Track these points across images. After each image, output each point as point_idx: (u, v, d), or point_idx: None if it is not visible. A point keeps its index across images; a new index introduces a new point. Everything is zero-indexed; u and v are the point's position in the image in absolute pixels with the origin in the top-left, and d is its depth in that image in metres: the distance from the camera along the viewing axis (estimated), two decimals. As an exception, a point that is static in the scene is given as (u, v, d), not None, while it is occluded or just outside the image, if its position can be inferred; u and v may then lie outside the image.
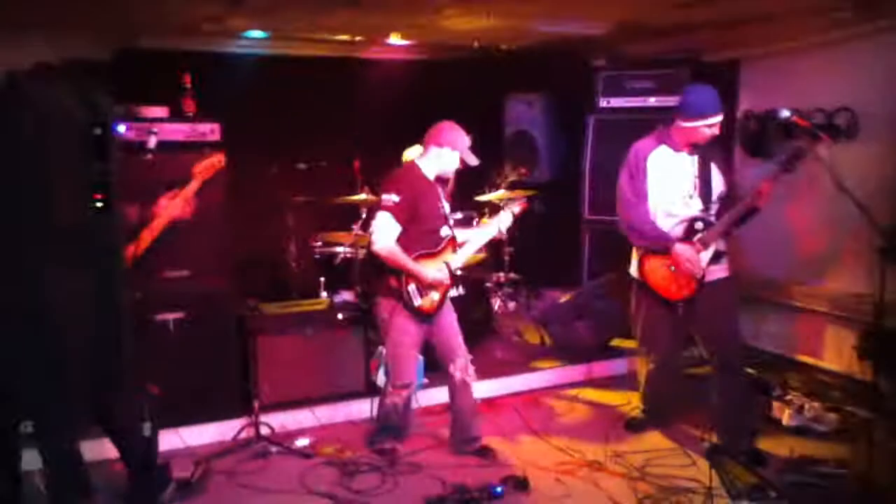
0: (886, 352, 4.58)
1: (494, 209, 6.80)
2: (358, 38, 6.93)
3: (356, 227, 6.13)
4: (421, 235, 4.26)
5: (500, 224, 4.72)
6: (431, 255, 4.32)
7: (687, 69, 6.54)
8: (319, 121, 7.25)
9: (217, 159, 4.51)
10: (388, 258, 4.17)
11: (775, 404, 5.07)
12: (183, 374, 4.70)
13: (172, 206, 4.28)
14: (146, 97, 5.39)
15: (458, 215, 6.31)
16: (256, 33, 6.57)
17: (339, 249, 6.26)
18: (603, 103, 6.93)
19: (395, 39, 6.87)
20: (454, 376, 4.47)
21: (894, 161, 5.24)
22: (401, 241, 4.19)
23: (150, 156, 4.56)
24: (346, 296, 6.05)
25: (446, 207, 4.44)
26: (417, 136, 6.48)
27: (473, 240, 4.63)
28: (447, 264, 4.36)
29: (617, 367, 6.21)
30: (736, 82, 6.61)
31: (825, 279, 5.92)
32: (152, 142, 4.56)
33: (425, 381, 5.11)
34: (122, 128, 4.76)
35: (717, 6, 5.34)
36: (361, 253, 5.88)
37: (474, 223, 6.50)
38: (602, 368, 6.19)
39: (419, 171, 4.33)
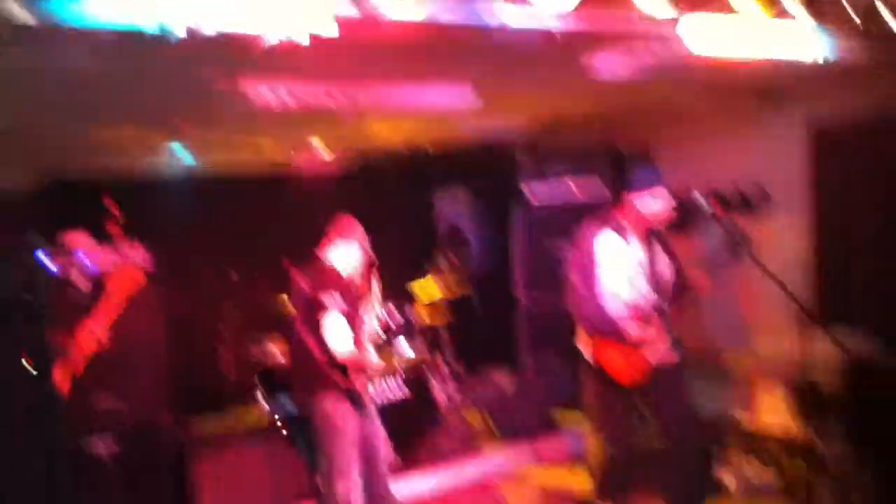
0: (818, 411, 4.73)
1: (433, 307, 6.89)
2: (284, 147, 7.02)
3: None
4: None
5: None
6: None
7: (606, 159, 6.81)
8: (250, 232, 7.23)
9: (133, 272, 4.36)
10: (349, 361, 4.20)
11: (722, 469, 5.15)
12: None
13: (93, 336, 4.16)
14: (72, 223, 5.34)
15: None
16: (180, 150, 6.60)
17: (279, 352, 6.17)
18: (528, 197, 7.13)
19: (320, 146, 6.98)
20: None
21: (805, 233, 5.51)
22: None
23: (75, 287, 4.43)
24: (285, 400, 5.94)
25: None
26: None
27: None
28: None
29: (561, 442, 6.22)
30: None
31: (756, 343, 6.13)
32: (78, 275, 4.44)
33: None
34: (45, 258, 4.69)
35: (629, 105, 5.67)
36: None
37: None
38: (547, 447, 6.19)
39: (334, 268, 4.43)
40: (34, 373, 2.98)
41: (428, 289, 6.95)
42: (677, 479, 4.49)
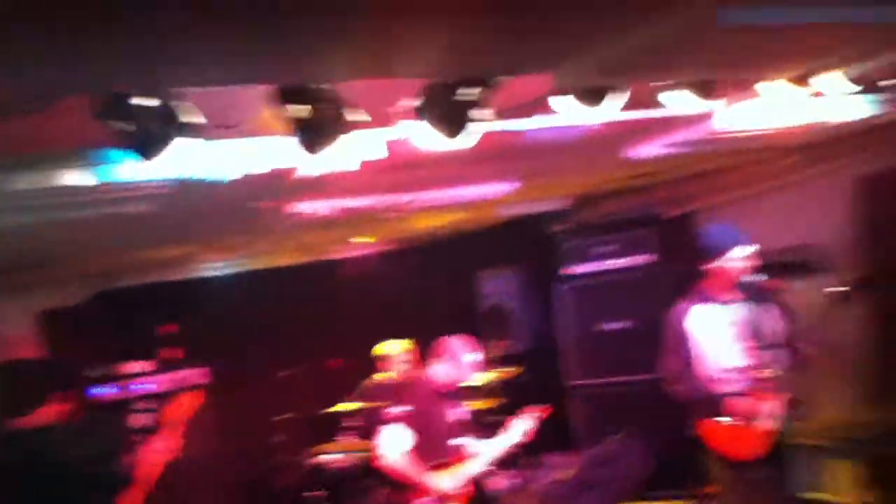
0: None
1: (484, 391, 6.77)
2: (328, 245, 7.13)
3: (342, 437, 5.98)
4: (431, 446, 4.14)
5: (520, 430, 4.63)
6: (444, 465, 4.19)
7: (648, 227, 6.73)
8: (296, 329, 7.26)
9: (188, 399, 4.30)
10: (396, 471, 4.05)
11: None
12: None
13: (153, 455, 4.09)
14: (126, 342, 5.42)
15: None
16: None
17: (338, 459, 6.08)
18: (570, 270, 7.05)
19: (363, 240, 7.08)
20: None
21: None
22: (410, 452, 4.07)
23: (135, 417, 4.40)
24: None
25: (453, 415, 4.35)
26: (395, 327, 6.61)
27: (493, 446, 4.52)
28: (464, 474, 4.24)
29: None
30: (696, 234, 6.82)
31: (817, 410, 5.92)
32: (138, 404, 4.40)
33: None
34: (101, 389, 4.75)
35: (669, 172, 5.66)
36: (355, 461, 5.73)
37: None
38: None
39: (426, 382, 4.33)
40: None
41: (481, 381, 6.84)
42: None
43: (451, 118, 2.34)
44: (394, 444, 4.03)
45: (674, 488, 6.29)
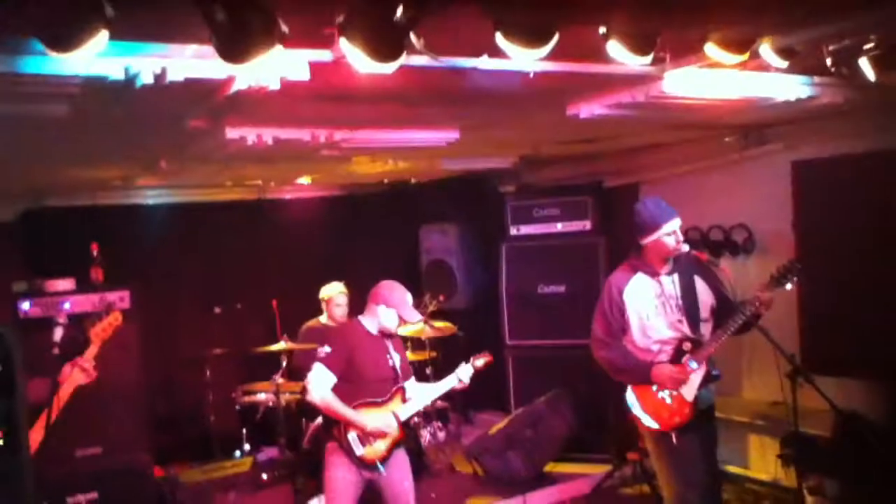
0: (806, 458, 4.67)
1: (416, 343, 6.78)
2: (269, 183, 7.01)
3: (277, 377, 5.97)
4: (363, 386, 4.26)
5: (459, 376, 4.61)
6: (376, 405, 4.29)
7: (590, 195, 6.80)
8: (234, 265, 7.18)
9: (114, 318, 4.24)
10: (323, 408, 4.19)
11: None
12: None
13: (75, 375, 4.05)
14: (53, 260, 5.27)
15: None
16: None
17: (261, 397, 6.08)
18: (513, 231, 7.09)
19: (304, 181, 6.98)
20: None
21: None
22: (341, 390, 4.19)
23: (57, 334, 4.33)
24: (270, 451, 5.84)
25: (395, 359, 4.43)
26: (335, 272, 6.59)
27: (429, 391, 4.59)
28: (395, 414, 4.30)
29: (553, 494, 6.13)
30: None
31: (743, 390, 6.07)
32: (60, 327, 4.30)
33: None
34: (26, 304, 4.64)
35: (613, 140, 5.67)
36: (284, 401, 5.73)
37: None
38: (539, 499, 6.10)
39: (360, 327, 4.40)
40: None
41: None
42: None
43: (382, 40, 2.28)
44: (321, 382, 4.14)
45: (598, 452, 6.46)
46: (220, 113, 3.52)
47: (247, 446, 5.95)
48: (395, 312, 4.36)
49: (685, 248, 4.10)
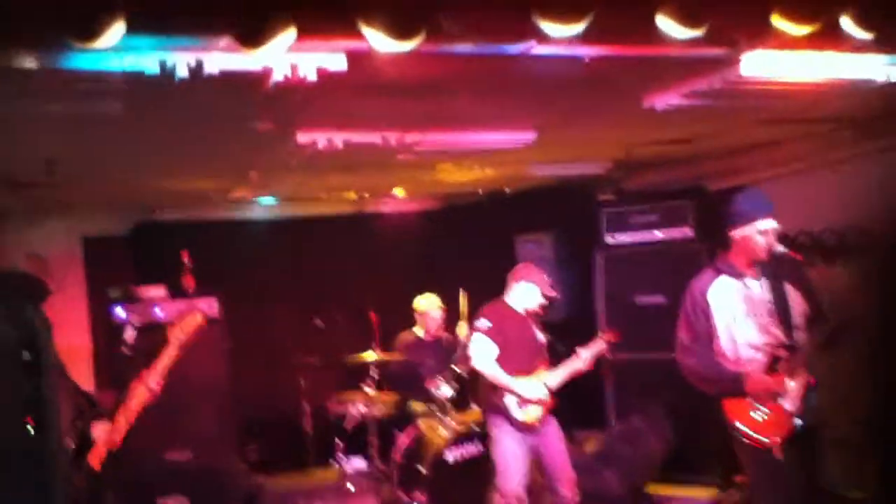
0: None
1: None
2: (364, 195, 7.10)
3: (366, 386, 5.95)
4: (513, 356, 4.69)
5: (587, 356, 4.99)
6: (525, 373, 4.71)
7: (691, 199, 6.44)
8: (331, 279, 7.29)
9: (192, 318, 3.89)
10: (484, 373, 4.65)
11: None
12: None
13: (139, 392, 3.99)
14: (160, 272, 5.51)
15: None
16: (265, 199, 6.78)
17: (356, 407, 6.03)
18: (609, 239, 6.83)
19: (398, 192, 7.02)
20: (562, 496, 4.74)
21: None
22: (497, 360, 4.62)
23: (129, 336, 4.38)
24: (357, 462, 5.83)
25: (539, 336, 4.92)
26: (430, 283, 6.54)
27: (566, 366, 4.93)
28: (545, 384, 4.69)
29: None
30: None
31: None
32: (129, 335, 4.35)
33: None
34: (119, 310, 4.85)
35: (712, 139, 5.37)
36: (377, 412, 5.73)
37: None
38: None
39: (506, 305, 4.87)
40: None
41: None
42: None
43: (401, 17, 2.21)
44: (484, 352, 4.64)
45: (701, 473, 6.07)
46: (285, 114, 3.55)
47: (337, 455, 5.96)
48: (538, 288, 4.79)
49: (779, 248, 3.80)
